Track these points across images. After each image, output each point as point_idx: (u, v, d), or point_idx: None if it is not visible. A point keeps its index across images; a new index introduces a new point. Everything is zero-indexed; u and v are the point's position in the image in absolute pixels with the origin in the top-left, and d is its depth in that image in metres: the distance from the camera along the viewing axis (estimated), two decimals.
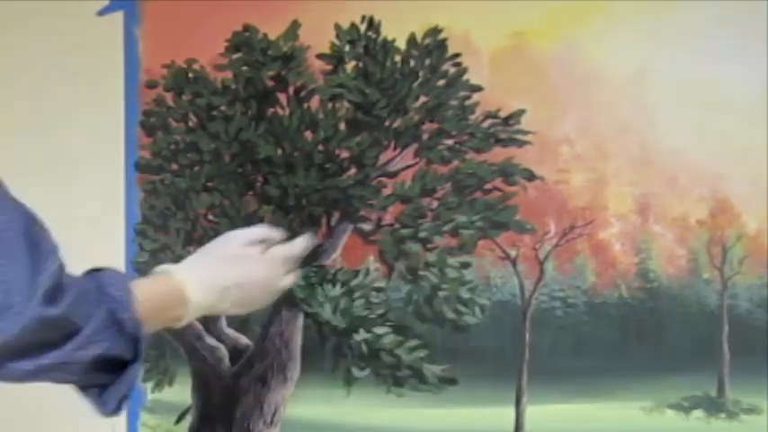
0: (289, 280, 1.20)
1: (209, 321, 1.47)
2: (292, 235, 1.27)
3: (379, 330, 1.32)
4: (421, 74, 1.30)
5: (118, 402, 0.98)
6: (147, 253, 1.54)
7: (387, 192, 1.32)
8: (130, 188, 1.56)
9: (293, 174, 1.38)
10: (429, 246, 1.29)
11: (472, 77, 1.27)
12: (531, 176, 1.22)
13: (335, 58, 1.36)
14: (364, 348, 1.33)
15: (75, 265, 1.49)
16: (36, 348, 0.90)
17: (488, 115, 1.25)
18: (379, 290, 1.33)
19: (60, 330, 0.90)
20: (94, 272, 0.97)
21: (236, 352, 1.44)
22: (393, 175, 1.32)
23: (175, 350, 1.51)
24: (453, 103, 1.27)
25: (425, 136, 1.29)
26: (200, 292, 1.07)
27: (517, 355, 1.22)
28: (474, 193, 1.26)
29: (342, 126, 1.35)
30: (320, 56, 1.38)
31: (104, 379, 0.96)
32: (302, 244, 1.22)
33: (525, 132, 1.23)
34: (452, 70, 1.28)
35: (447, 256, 1.27)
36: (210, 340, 1.46)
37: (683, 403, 1.13)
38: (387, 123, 1.32)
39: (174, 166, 1.50)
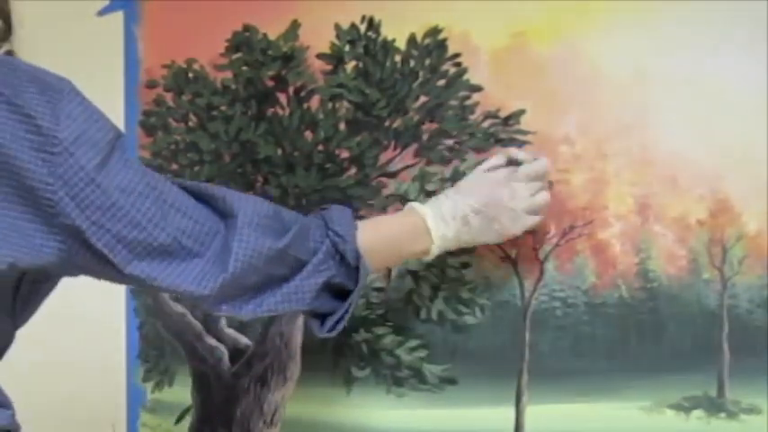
0: (540, 198, 1.15)
1: (209, 321, 1.47)
2: None
3: (379, 330, 1.32)
4: (421, 74, 1.30)
5: (334, 324, 1.07)
6: None
7: (387, 192, 1.32)
8: None
9: (293, 174, 1.38)
10: None
11: (472, 77, 1.27)
12: None
13: (335, 58, 1.36)
14: (364, 348, 1.33)
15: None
16: (269, 283, 1.00)
17: (488, 115, 1.25)
18: (379, 290, 1.33)
19: (288, 264, 1.00)
20: (323, 210, 1.08)
21: (236, 352, 1.44)
22: (393, 175, 1.32)
23: (175, 350, 1.51)
24: (453, 103, 1.27)
25: (425, 136, 1.29)
26: (441, 222, 1.12)
27: (517, 355, 1.22)
28: None
29: (342, 126, 1.36)
30: (320, 56, 1.38)
31: (326, 304, 1.06)
32: (542, 162, 1.17)
33: (525, 132, 1.23)
34: (452, 70, 1.28)
35: (447, 256, 1.27)
36: (210, 340, 1.46)
37: (683, 403, 1.13)
38: (387, 123, 1.32)
39: (174, 166, 1.50)
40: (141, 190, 0.92)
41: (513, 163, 1.17)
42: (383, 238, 1.10)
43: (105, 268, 0.93)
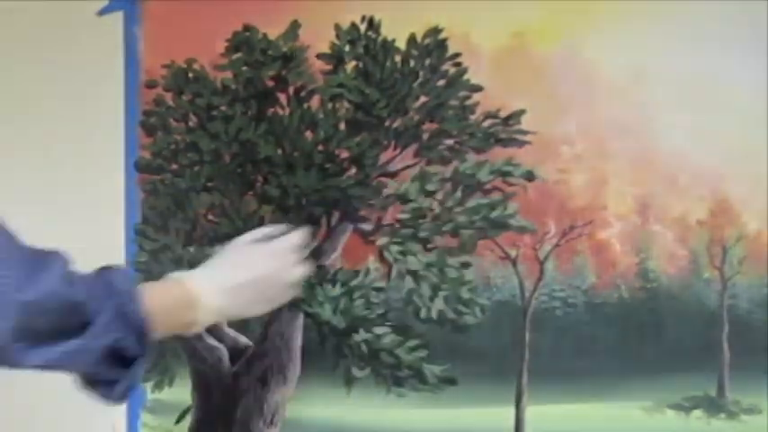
0: (300, 270, 1.17)
1: None
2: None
3: (379, 330, 1.32)
4: (421, 74, 1.30)
5: (123, 392, 1.00)
6: (146, 253, 1.54)
7: (387, 192, 1.32)
8: (130, 188, 1.56)
9: (293, 174, 1.38)
10: (429, 246, 1.29)
11: (472, 77, 1.27)
12: (531, 176, 1.23)
13: (335, 58, 1.36)
14: (364, 348, 1.33)
15: (76, 265, 1.49)
16: (57, 334, 0.93)
17: (488, 115, 1.25)
18: (379, 290, 1.33)
19: (79, 317, 0.94)
20: (103, 269, 1.00)
21: (236, 352, 1.44)
22: (393, 175, 1.32)
23: (175, 350, 1.51)
24: (453, 103, 1.27)
25: (425, 136, 1.29)
26: (211, 294, 1.06)
27: (517, 355, 1.22)
28: (474, 193, 1.26)
29: (342, 126, 1.35)
30: (320, 56, 1.37)
31: (111, 372, 0.99)
32: (300, 234, 1.18)
33: (525, 132, 1.23)
34: (452, 70, 1.28)
35: (447, 256, 1.27)
36: (210, 340, 1.46)
37: (683, 403, 1.13)
38: (387, 123, 1.32)
39: (174, 166, 1.50)
40: None
41: (268, 237, 1.16)
42: (160, 304, 1.01)
43: None
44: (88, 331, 0.94)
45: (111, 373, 0.99)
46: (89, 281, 0.97)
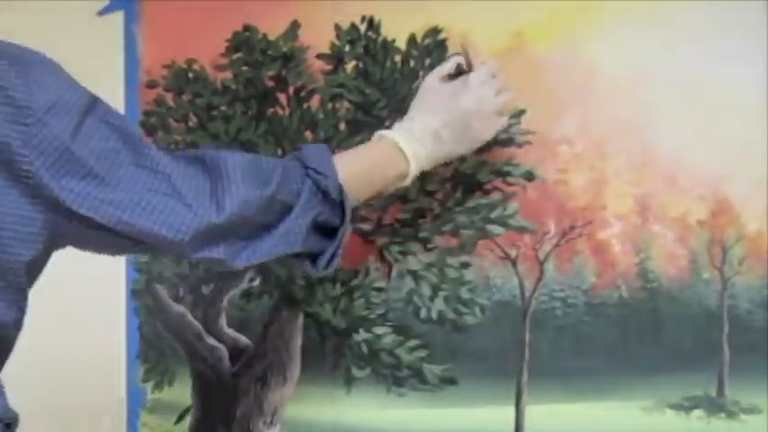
0: (504, 96, 1.17)
1: (209, 321, 1.47)
2: None
3: (379, 330, 1.32)
4: (421, 74, 1.30)
5: (328, 261, 1.07)
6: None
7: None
8: None
9: None
10: (429, 246, 1.29)
11: None
12: (530, 176, 1.23)
13: (335, 58, 1.36)
14: (364, 348, 1.33)
15: (76, 265, 1.49)
16: (260, 230, 1.01)
17: None
18: (379, 290, 1.33)
19: (278, 207, 1.01)
20: (298, 150, 1.08)
21: (236, 352, 1.44)
22: None
23: (175, 350, 1.51)
24: None
25: None
26: (413, 143, 1.12)
27: (517, 355, 1.22)
28: (474, 193, 1.26)
29: (342, 126, 1.36)
30: (320, 56, 1.38)
31: (317, 244, 1.06)
32: (491, 61, 1.18)
33: (525, 132, 1.23)
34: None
35: (447, 256, 1.27)
36: (210, 340, 1.46)
37: (683, 403, 1.13)
38: (387, 123, 1.32)
39: None
40: (118, 151, 0.92)
41: (461, 71, 1.17)
42: (360, 168, 1.09)
43: (92, 232, 0.93)
44: (288, 217, 1.01)
45: (316, 245, 1.06)
46: (282, 166, 1.02)
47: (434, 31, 1.29)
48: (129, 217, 0.92)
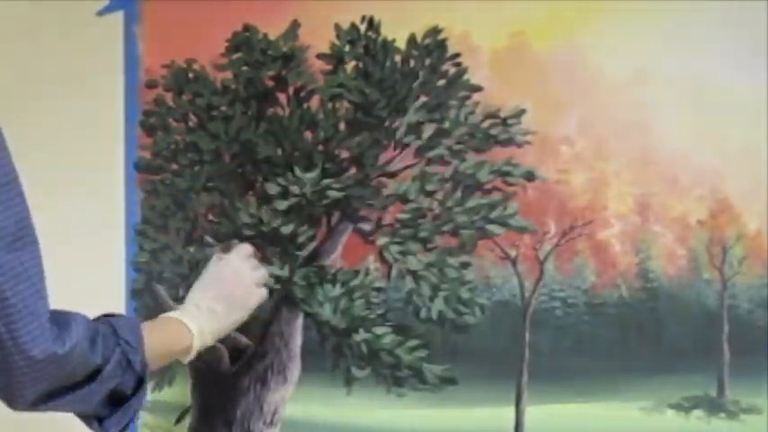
0: (261, 272, 1.31)
1: None
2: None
3: (379, 330, 1.32)
4: (421, 74, 1.30)
5: (120, 429, 1.12)
6: (147, 253, 1.54)
7: (387, 192, 1.32)
8: (130, 188, 1.56)
9: (293, 174, 1.38)
10: (429, 246, 1.29)
11: (472, 77, 1.27)
12: (531, 176, 1.23)
13: (335, 58, 1.36)
14: (364, 348, 1.33)
15: (76, 265, 1.49)
16: (72, 384, 1.04)
17: (488, 115, 1.25)
18: (379, 290, 1.33)
19: (89, 369, 1.04)
20: (108, 316, 1.12)
21: (236, 352, 1.44)
22: (393, 175, 1.32)
23: None
24: (453, 103, 1.27)
25: (425, 136, 1.29)
26: (195, 320, 1.22)
27: (517, 355, 1.22)
28: (474, 193, 1.26)
29: (342, 126, 1.35)
30: (320, 56, 1.38)
31: (107, 410, 1.10)
32: (244, 245, 1.34)
33: (525, 132, 1.23)
34: (452, 70, 1.28)
35: (447, 256, 1.27)
36: None
37: (683, 403, 1.13)
38: (387, 123, 1.32)
39: (174, 166, 1.50)
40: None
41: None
42: (155, 342, 1.14)
43: None
44: (96, 380, 1.05)
45: (104, 410, 1.10)
46: (102, 331, 1.07)
47: (434, 31, 1.29)
48: None
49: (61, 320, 1.02)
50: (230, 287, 1.27)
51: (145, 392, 1.13)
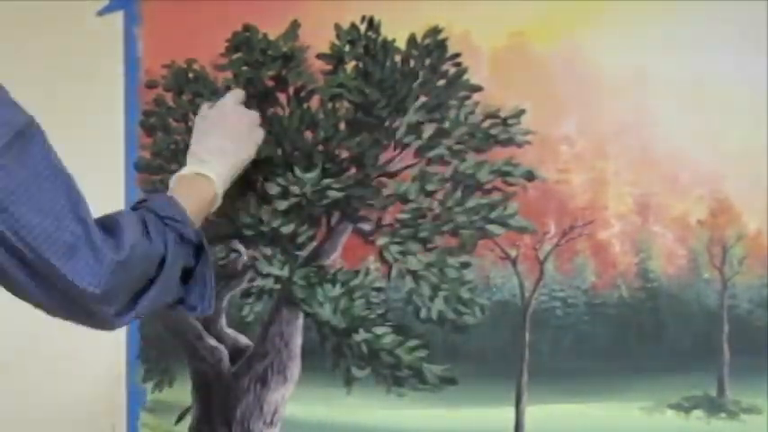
0: (253, 113, 1.33)
1: (209, 321, 1.47)
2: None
3: (379, 330, 1.32)
4: (421, 74, 1.30)
5: (209, 301, 1.13)
6: None
7: (387, 192, 1.32)
8: (130, 188, 1.56)
9: (293, 174, 1.38)
10: (429, 246, 1.29)
11: (472, 77, 1.27)
12: (531, 176, 1.23)
13: (335, 58, 1.36)
14: (364, 348, 1.33)
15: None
16: (144, 283, 1.03)
17: (488, 115, 1.25)
18: (379, 290, 1.33)
19: (155, 261, 1.04)
20: (143, 202, 1.12)
21: (236, 352, 1.44)
22: (393, 175, 1.32)
23: (175, 350, 1.51)
24: (453, 103, 1.27)
25: (425, 136, 1.29)
26: (207, 165, 1.24)
27: (517, 355, 1.22)
28: (474, 193, 1.26)
29: (342, 126, 1.36)
30: (320, 56, 1.38)
31: (183, 289, 1.12)
32: (235, 91, 1.37)
33: (525, 132, 1.23)
34: (452, 70, 1.28)
35: (447, 256, 1.27)
36: (210, 340, 1.46)
37: (683, 403, 1.13)
38: (387, 123, 1.32)
39: (174, 166, 1.49)
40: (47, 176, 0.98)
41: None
42: (190, 206, 1.14)
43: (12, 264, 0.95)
44: (162, 272, 1.05)
45: (181, 291, 1.11)
46: (149, 220, 1.06)
47: (434, 31, 1.29)
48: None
49: (112, 226, 1.01)
50: (234, 124, 1.28)
51: (207, 257, 1.13)
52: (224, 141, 1.26)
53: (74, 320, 1.01)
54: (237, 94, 1.35)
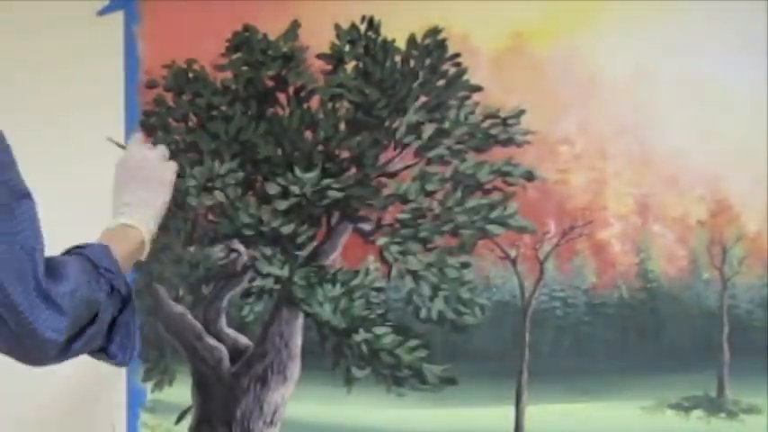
0: (160, 149, 1.37)
1: (209, 321, 1.47)
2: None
3: (379, 330, 1.32)
4: (421, 74, 1.30)
5: (130, 352, 1.16)
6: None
7: (387, 192, 1.32)
8: None
9: (293, 174, 1.38)
10: (429, 246, 1.29)
11: (472, 77, 1.27)
12: (530, 176, 1.23)
13: (335, 58, 1.36)
14: (364, 348, 1.33)
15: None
16: (80, 327, 1.06)
17: (488, 115, 1.25)
18: (379, 290, 1.33)
19: (93, 308, 1.07)
20: (79, 248, 1.13)
21: (236, 352, 1.44)
22: (393, 175, 1.32)
23: (175, 350, 1.51)
24: (453, 103, 1.27)
25: (425, 136, 1.29)
26: (131, 215, 1.27)
27: (517, 355, 1.22)
28: (474, 193, 1.26)
29: (342, 126, 1.35)
30: (320, 56, 1.38)
31: (106, 339, 1.13)
32: (134, 134, 1.43)
33: (525, 132, 1.23)
34: (452, 70, 1.28)
35: (447, 256, 1.27)
36: (210, 340, 1.46)
37: (683, 403, 1.13)
38: (387, 123, 1.32)
39: None
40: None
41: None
42: (121, 255, 1.17)
43: None
44: (96, 319, 1.07)
45: (105, 339, 1.13)
46: (85, 268, 1.08)
47: (434, 31, 1.29)
48: None
49: (57, 270, 1.03)
50: (144, 174, 1.32)
51: (133, 308, 1.15)
52: (141, 192, 1.30)
53: (11, 356, 1.03)
54: (136, 138, 1.39)
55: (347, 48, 1.35)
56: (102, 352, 1.14)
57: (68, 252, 1.13)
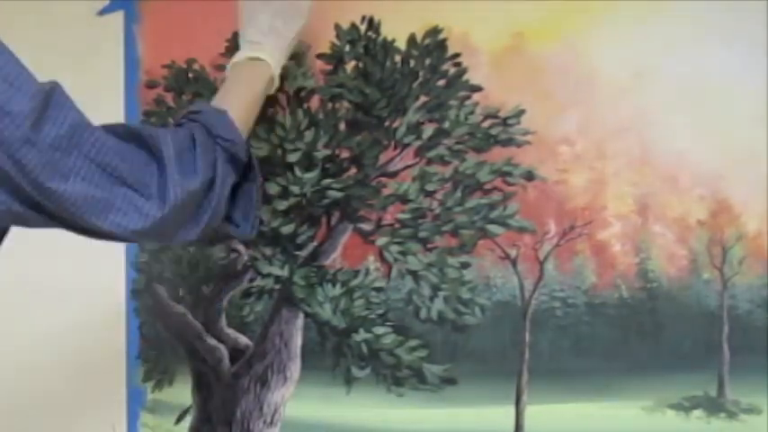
0: None
1: (209, 321, 1.47)
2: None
3: (379, 330, 1.32)
4: (421, 74, 1.30)
5: (252, 221, 1.12)
6: (146, 253, 1.54)
7: (387, 192, 1.32)
8: None
9: (293, 174, 1.38)
10: (429, 246, 1.29)
11: (472, 77, 1.27)
12: (530, 176, 1.23)
13: (335, 58, 1.36)
14: (364, 348, 1.33)
15: (76, 264, 1.49)
16: (198, 209, 1.03)
17: (488, 115, 1.25)
18: (379, 290, 1.33)
19: (205, 187, 1.02)
20: (195, 113, 1.08)
21: (236, 352, 1.44)
22: (393, 175, 1.32)
23: (175, 350, 1.51)
24: (453, 103, 1.27)
25: (425, 136, 1.29)
26: (260, 46, 1.22)
27: (517, 355, 1.22)
28: (474, 193, 1.26)
29: (342, 126, 1.36)
30: (320, 56, 1.38)
31: (228, 207, 1.09)
32: None
33: (525, 132, 1.23)
34: (452, 70, 1.28)
35: (447, 256, 1.27)
36: (210, 340, 1.46)
37: (683, 403, 1.13)
38: (387, 123, 1.32)
39: None
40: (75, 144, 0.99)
41: None
42: (246, 103, 1.15)
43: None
44: (213, 193, 1.03)
45: (228, 208, 1.09)
46: (198, 142, 1.03)
47: (434, 31, 1.29)
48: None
49: (156, 163, 0.99)
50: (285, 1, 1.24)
51: (255, 175, 1.12)
52: (275, 20, 1.22)
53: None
54: None
55: (347, 48, 1.35)
56: (226, 222, 1.10)
57: (184, 117, 1.09)
